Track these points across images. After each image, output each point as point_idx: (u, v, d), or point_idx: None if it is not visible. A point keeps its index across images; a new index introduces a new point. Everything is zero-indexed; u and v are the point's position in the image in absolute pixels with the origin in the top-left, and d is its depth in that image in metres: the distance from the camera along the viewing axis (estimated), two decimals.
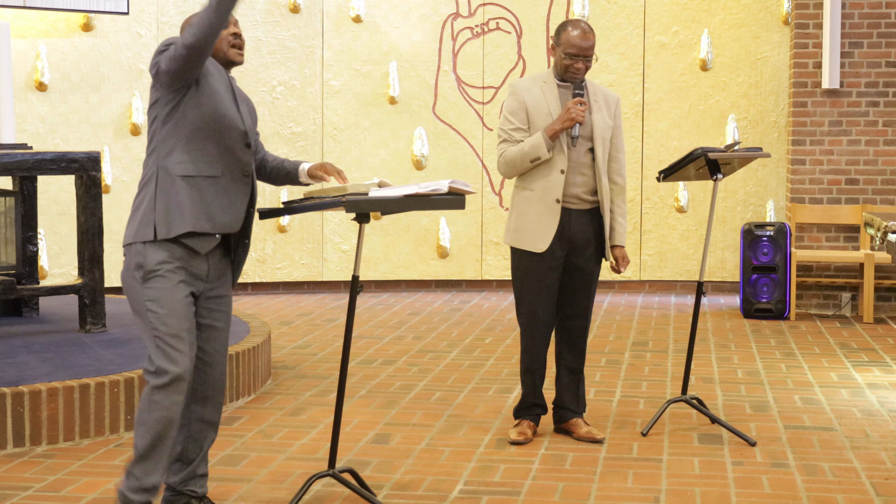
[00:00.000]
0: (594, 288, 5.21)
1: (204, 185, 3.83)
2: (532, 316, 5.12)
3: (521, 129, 5.05)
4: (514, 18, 9.43)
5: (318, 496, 4.40)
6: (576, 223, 5.07)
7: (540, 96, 5.05)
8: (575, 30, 5.00)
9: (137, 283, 3.81)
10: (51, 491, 4.45)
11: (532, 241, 5.04)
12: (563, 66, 5.03)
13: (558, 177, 5.01)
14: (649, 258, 9.46)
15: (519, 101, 5.06)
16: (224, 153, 3.87)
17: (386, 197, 4.04)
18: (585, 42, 4.98)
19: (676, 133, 9.36)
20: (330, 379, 6.32)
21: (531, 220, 5.04)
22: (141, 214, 3.82)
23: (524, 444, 5.08)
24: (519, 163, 5.02)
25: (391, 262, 9.49)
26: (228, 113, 3.88)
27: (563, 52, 5.00)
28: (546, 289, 5.09)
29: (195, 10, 9.03)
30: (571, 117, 4.93)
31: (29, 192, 6.62)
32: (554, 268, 5.08)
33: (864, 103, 8.55)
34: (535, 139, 4.97)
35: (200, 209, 3.82)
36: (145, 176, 3.87)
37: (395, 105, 9.41)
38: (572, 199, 5.05)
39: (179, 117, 3.82)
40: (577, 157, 5.04)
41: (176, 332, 3.78)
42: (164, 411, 3.77)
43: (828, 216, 8.60)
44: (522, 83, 5.13)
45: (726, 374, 6.53)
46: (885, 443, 5.15)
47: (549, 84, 5.08)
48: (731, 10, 9.28)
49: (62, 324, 6.49)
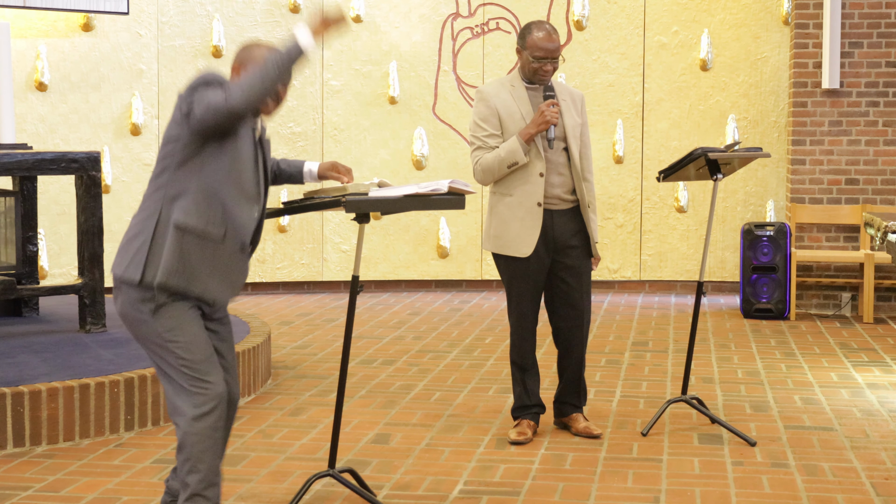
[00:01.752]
0: (588, 283, 5.20)
1: (202, 243, 3.60)
2: (521, 317, 5.15)
3: (494, 136, 5.03)
4: (514, 18, 9.43)
5: (318, 496, 4.40)
6: (558, 224, 5.07)
7: (510, 100, 5.04)
8: (540, 31, 4.98)
9: (147, 317, 3.60)
10: (51, 491, 4.45)
11: (516, 247, 5.03)
12: (532, 70, 5.01)
13: (538, 180, 5.00)
14: (649, 258, 9.46)
15: (489, 106, 5.04)
16: (231, 218, 3.64)
17: (386, 197, 4.04)
18: (552, 44, 4.97)
19: (676, 133, 9.36)
20: (330, 379, 6.32)
21: (513, 226, 5.03)
22: (135, 252, 3.61)
23: (524, 444, 5.09)
24: (496, 169, 5.01)
25: (391, 262, 9.49)
26: (245, 178, 3.66)
27: (529, 55, 4.99)
28: (533, 290, 5.11)
29: (195, 10, 9.06)
30: (546, 120, 4.92)
31: (29, 192, 6.62)
32: (540, 269, 5.09)
33: (864, 103, 8.55)
34: (510, 144, 4.96)
35: (199, 269, 3.61)
36: (147, 210, 3.63)
37: (395, 105, 9.41)
38: (553, 200, 5.05)
39: (198, 167, 3.58)
40: (553, 158, 5.04)
41: (205, 357, 3.62)
42: (211, 441, 3.59)
43: (828, 216, 8.60)
44: (490, 88, 5.10)
45: (726, 374, 6.53)
46: (885, 443, 5.15)
47: (518, 87, 5.07)
48: (731, 10, 9.28)
49: (62, 324, 6.49)
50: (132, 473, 4.66)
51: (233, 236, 3.66)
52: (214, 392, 3.60)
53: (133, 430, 5.22)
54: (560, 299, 5.17)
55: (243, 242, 3.70)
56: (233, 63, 3.74)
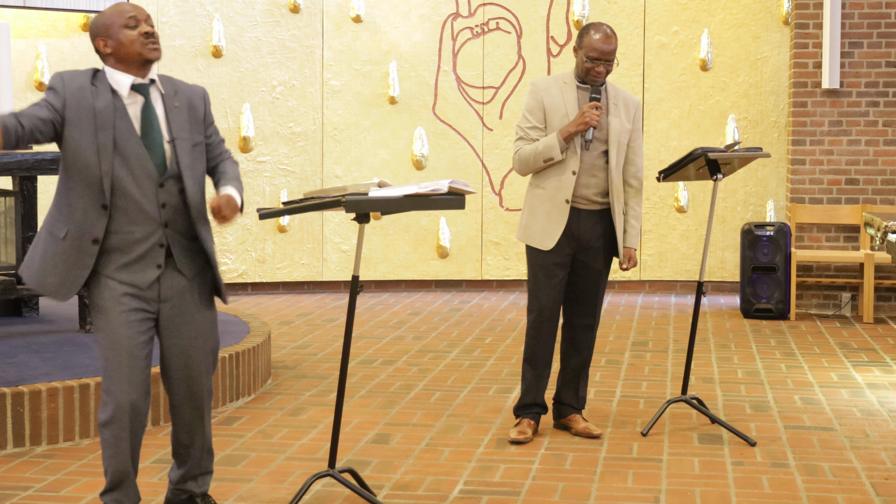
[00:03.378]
0: (602, 287, 5.23)
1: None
2: (540, 310, 5.16)
3: (537, 128, 5.08)
4: (514, 18, 9.43)
5: (318, 496, 4.40)
6: (584, 223, 5.10)
7: (558, 97, 5.08)
8: (597, 33, 5.03)
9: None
10: (51, 491, 4.45)
11: (539, 239, 5.09)
12: (585, 69, 5.06)
13: (569, 177, 5.04)
14: (649, 258, 9.46)
15: (537, 99, 5.10)
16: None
17: (386, 197, 4.04)
18: (607, 46, 5.01)
19: (676, 133, 9.36)
20: (330, 379, 6.32)
21: (540, 218, 5.09)
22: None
23: (524, 444, 5.09)
24: (532, 161, 5.06)
25: (391, 262, 9.49)
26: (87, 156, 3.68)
27: (584, 55, 5.04)
28: (554, 285, 5.12)
29: (195, 10, 9.06)
30: (585, 121, 4.96)
31: (29, 192, 6.62)
32: (562, 265, 5.11)
33: (864, 103, 8.55)
34: (549, 140, 5.01)
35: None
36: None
37: (395, 105, 9.41)
38: (582, 200, 5.09)
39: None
40: (590, 160, 5.07)
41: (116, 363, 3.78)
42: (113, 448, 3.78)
43: (828, 216, 8.60)
44: (542, 83, 5.17)
45: (726, 374, 6.53)
46: (885, 443, 5.15)
47: (569, 85, 5.11)
48: (731, 10, 9.28)
49: (62, 324, 6.49)
50: None
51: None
52: (115, 402, 3.68)
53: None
54: (572, 296, 5.20)
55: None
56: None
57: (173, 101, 3.76)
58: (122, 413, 3.68)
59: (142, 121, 3.69)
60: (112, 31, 3.69)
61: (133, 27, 3.69)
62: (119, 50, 3.69)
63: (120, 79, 3.70)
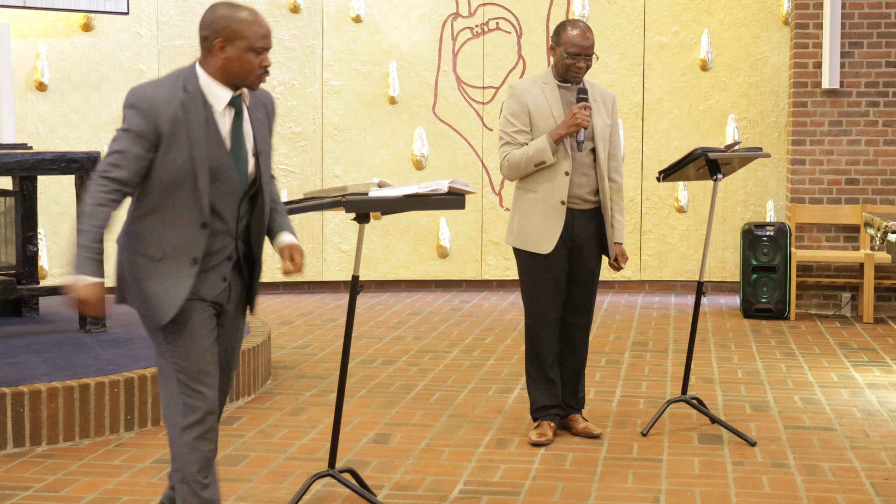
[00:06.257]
0: (595, 286, 5.23)
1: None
2: (542, 315, 5.13)
3: (523, 132, 5.05)
4: (514, 18, 9.43)
5: (318, 496, 4.40)
6: (578, 223, 5.09)
7: (541, 98, 5.05)
8: (574, 29, 5.00)
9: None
10: (51, 491, 4.45)
11: (537, 243, 5.06)
12: (565, 66, 5.03)
13: (563, 179, 5.02)
14: (649, 258, 9.46)
15: (520, 102, 5.06)
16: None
17: (386, 197, 4.04)
18: (586, 41, 4.99)
19: (676, 133, 9.36)
20: (330, 379, 6.32)
21: (535, 223, 5.05)
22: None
23: (546, 445, 5.07)
24: (523, 166, 5.03)
25: (391, 262, 9.49)
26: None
27: (564, 51, 5.00)
28: (555, 287, 5.12)
29: (195, 10, 9.06)
30: (577, 122, 4.93)
31: (29, 192, 6.62)
32: (560, 266, 5.10)
33: (864, 103, 8.55)
34: (539, 143, 4.97)
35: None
36: None
37: (395, 105, 9.41)
38: (576, 200, 5.07)
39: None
40: (580, 159, 5.06)
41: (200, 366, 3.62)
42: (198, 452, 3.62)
43: (828, 216, 8.60)
44: (522, 84, 5.12)
45: (726, 374, 6.53)
46: (885, 443, 5.15)
47: (550, 85, 5.08)
48: (731, 10, 9.28)
49: (62, 324, 6.49)
50: (132, 473, 4.66)
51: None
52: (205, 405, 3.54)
53: (133, 430, 5.22)
54: (569, 298, 5.19)
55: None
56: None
57: (256, 113, 3.60)
58: (213, 417, 3.57)
59: (232, 135, 3.51)
60: (237, 44, 3.42)
61: (258, 54, 3.45)
62: (230, 66, 3.44)
63: (218, 92, 3.47)
